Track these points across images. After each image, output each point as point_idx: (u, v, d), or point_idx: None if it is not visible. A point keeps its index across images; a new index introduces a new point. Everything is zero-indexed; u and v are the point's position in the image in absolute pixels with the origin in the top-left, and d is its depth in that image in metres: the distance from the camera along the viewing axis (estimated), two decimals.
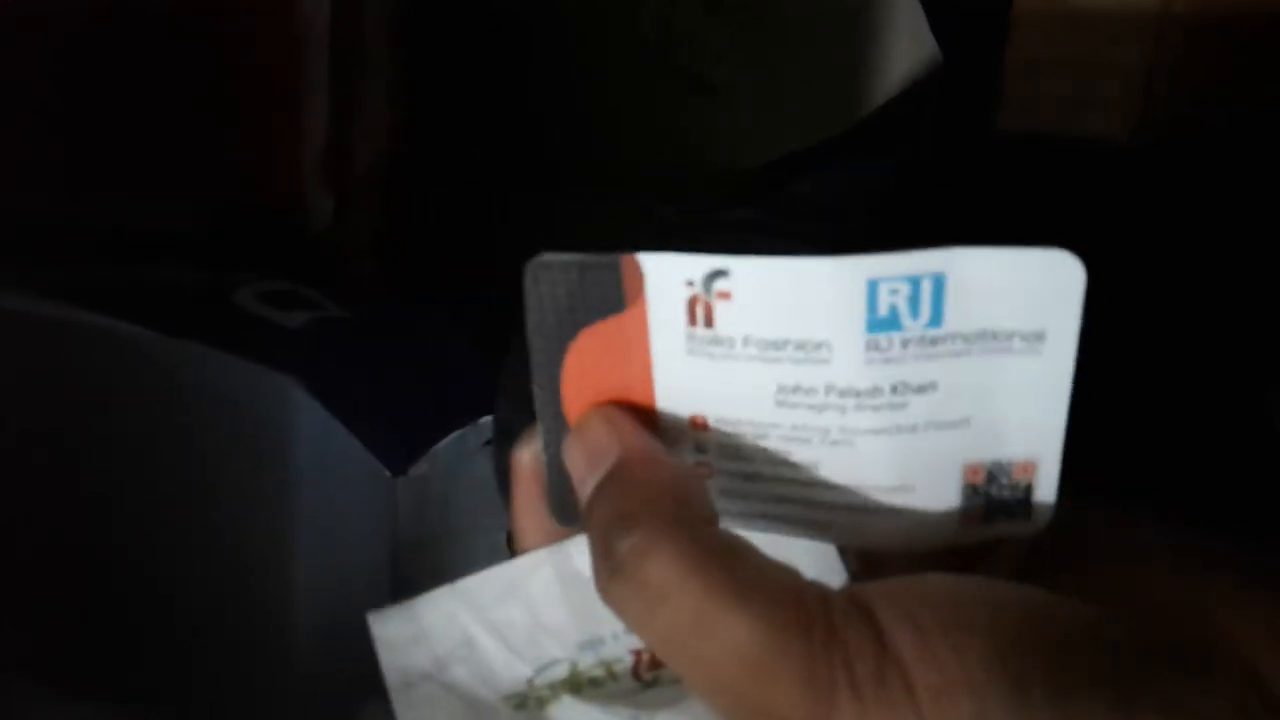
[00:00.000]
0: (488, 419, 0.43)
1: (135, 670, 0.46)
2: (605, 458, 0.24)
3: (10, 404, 0.45)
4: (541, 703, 0.26)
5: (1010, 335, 0.23)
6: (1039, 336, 0.23)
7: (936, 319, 0.23)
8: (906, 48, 0.52)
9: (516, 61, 0.59)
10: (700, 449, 0.25)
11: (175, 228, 0.50)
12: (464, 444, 0.43)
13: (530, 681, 0.27)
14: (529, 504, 0.27)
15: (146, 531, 0.45)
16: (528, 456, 0.27)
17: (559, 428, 0.26)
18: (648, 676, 0.27)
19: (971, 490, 0.25)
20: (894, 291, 0.23)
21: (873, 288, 0.23)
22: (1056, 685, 0.20)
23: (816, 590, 0.22)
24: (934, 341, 0.23)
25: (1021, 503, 0.25)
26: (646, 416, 0.25)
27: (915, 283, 0.23)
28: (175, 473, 0.44)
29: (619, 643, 0.27)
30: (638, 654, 0.27)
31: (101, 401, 0.44)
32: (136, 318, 0.42)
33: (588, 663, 0.27)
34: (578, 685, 0.26)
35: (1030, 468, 0.24)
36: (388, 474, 0.40)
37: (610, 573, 0.23)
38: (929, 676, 0.20)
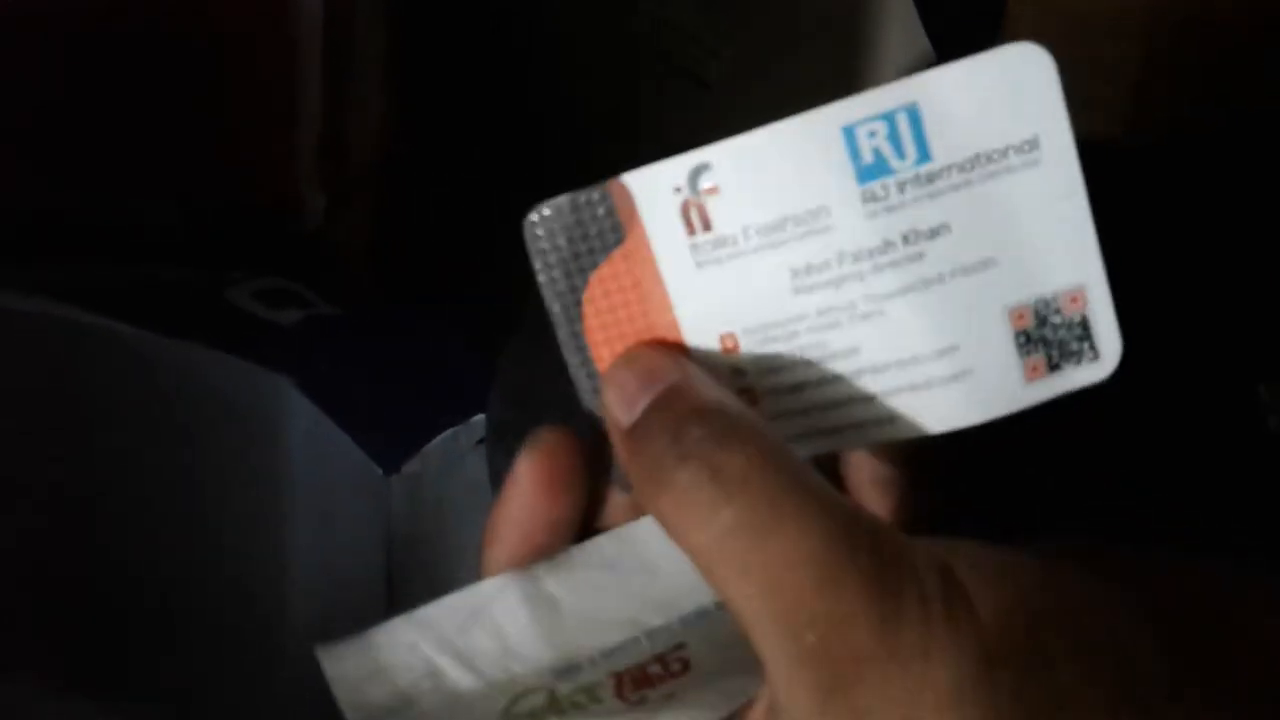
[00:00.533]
0: (481, 417, 0.43)
1: (128, 668, 0.46)
2: (663, 376, 0.23)
3: (2, 402, 0.45)
4: None
5: (1004, 152, 0.22)
6: (1033, 144, 0.22)
7: (924, 154, 0.22)
8: (899, 45, 0.52)
9: (509, 59, 0.59)
10: (739, 372, 0.24)
11: (168, 226, 0.50)
12: (457, 443, 0.43)
13: (506, 711, 0.25)
14: (513, 515, 0.26)
15: (139, 529, 0.45)
16: (530, 461, 0.26)
17: (597, 387, 0.25)
18: (633, 697, 0.25)
19: (1025, 338, 0.23)
20: (872, 134, 0.22)
21: (849, 134, 0.22)
22: (1113, 646, 0.20)
23: (876, 516, 0.21)
24: (930, 178, 0.22)
25: (1083, 339, 0.23)
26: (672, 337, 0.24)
27: (890, 119, 0.22)
28: (168, 471, 0.44)
29: (597, 667, 0.25)
30: (619, 676, 0.25)
31: (93, 399, 0.44)
32: (129, 316, 0.42)
33: (565, 690, 0.25)
34: (560, 711, 0.25)
35: (1078, 297, 0.23)
36: (381, 472, 0.40)
37: (678, 459, 0.21)
38: (990, 602, 0.20)
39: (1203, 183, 0.40)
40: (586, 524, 0.27)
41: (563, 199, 0.24)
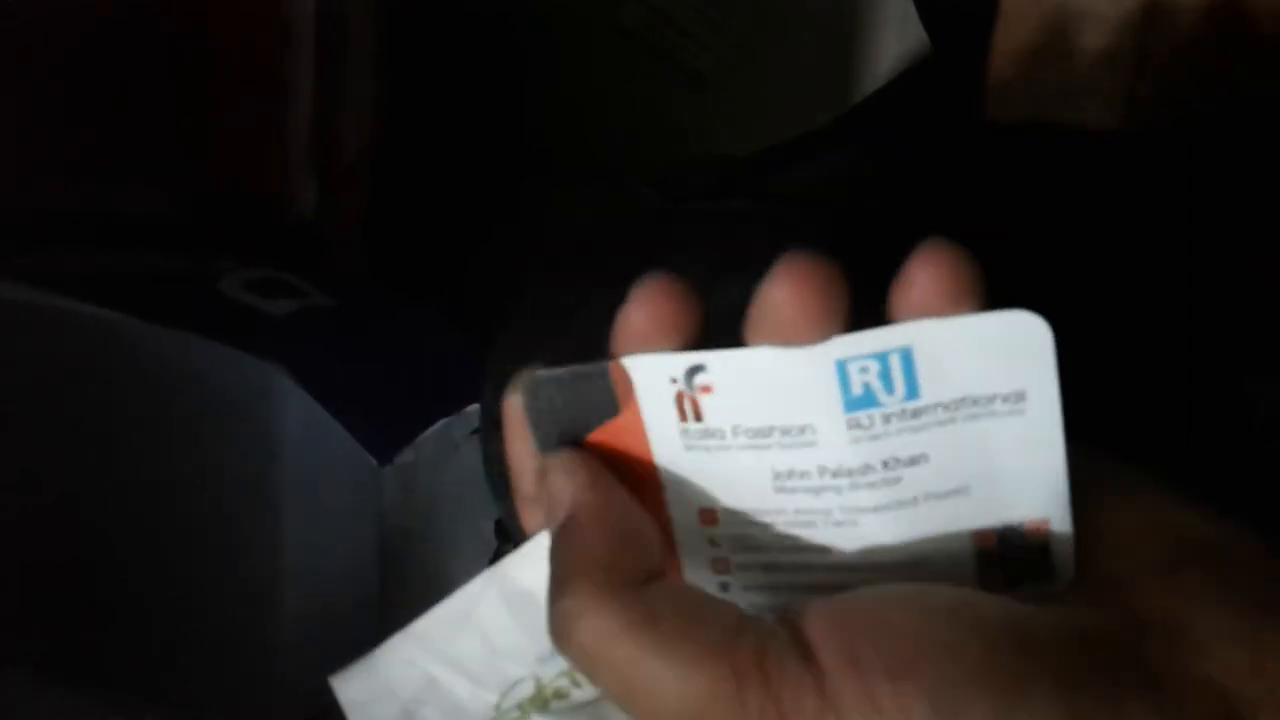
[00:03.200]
0: (474, 408, 0.43)
1: (120, 658, 0.46)
2: (558, 510, 0.24)
3: None
4: None
5: (991, 399, 0.23)
6: (1019, 396, 0.23)
7: (913, 392, 0.23)
8: (894, 35, 0.52)
9: (502, 50, 0.59)
10: (714, 544, 0.26)
11: (160, 215, 0.50)
12: (450, 433, 0.43)
13: (498, 706, 0.27)
14: (523, 443, 0.27)
15: (132, 519, 0.45)
16: (518, 401, 0.26)
17: None
18: None
19: (986, 558, 0.24)
20: (864, 370, 0.23)
21: (842, 369, 0.23)
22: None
23: (754, 636, 0.22)
24: (916, 414, 0.23)
25: (1041, 563, 0.24)
26: (658, 515, 0.25)
27: (883, 359, 0.23)
28: (161, 460, 0.44)
29: None
30: None
31: (86, 389, 0.44)
32: (121, 305, 0.42)
33: (550, 675, 0.27)
34: (544, 701, 0.27)
35: (1042, 526, 0.24)
36: (374, 462, 0.40)
37: (551, 634, 0.23)
38: None
39: (1195, 173, 0.40)
40: None
41: (564, 371, 0.25)
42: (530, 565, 0.27)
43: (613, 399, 0.25)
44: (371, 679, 0.27)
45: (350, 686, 0.27)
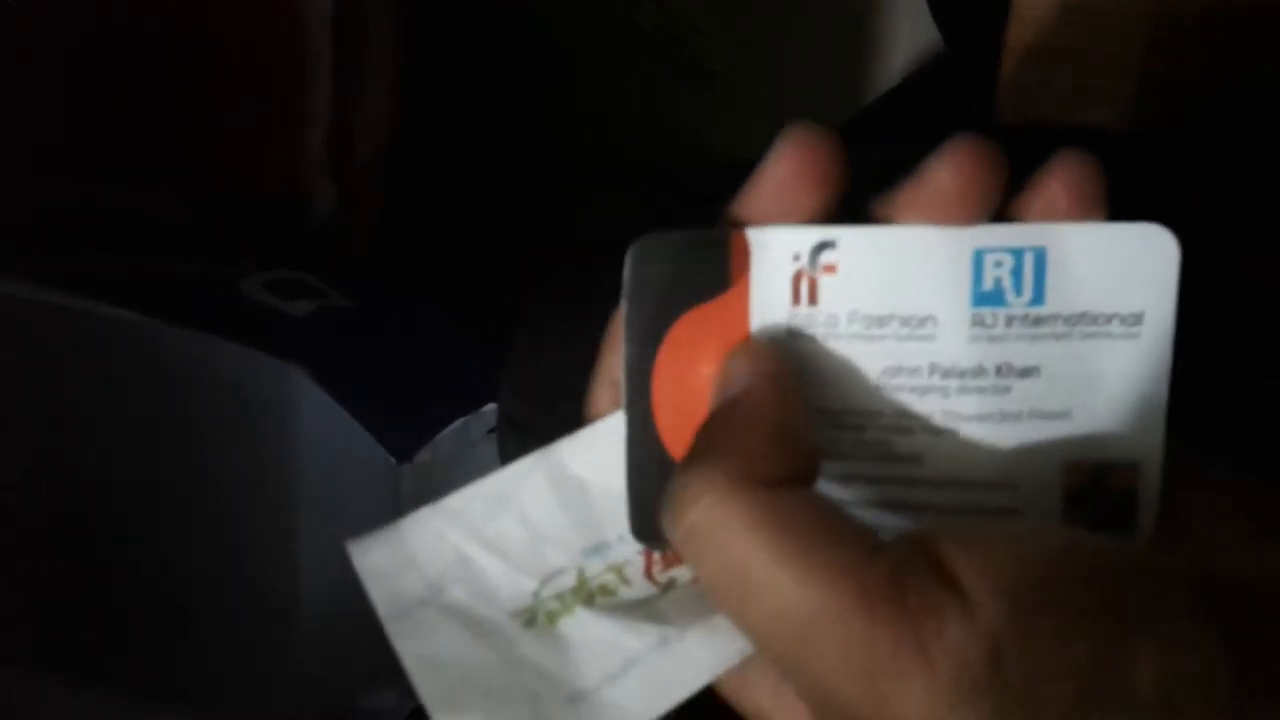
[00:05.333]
0: (492, 407, 0.43)
1: (141, 657, 0.46)
2: (730, 387, 0.23)
3: (16, 392, 0.45)
4: (552, 617, 0.25)
5: (1109, 318, 0.23)
6: (1136, 319, 0.23)
7: (1039, 297, 0.23)
8: (907, 34, 0.52)
9: (517, 50, 0.59)
10: None
11: (179, 216, 0.50)
12: (468, 432, 0.43)
13: (536, 594, 0.25)
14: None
15: (152, 519, 0.45)
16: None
17: (647, 427, 0.24)
18: (662, 578, 0.25)
19: (1074, 500, 0.24)
20: (999, 264, 0.23)
21: (978, 258, 0.23)
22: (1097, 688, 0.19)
23: (891, 557, 0.20)
24: (1037, 321, 0.23)
25: (1126, 511, 0.24)
26: None
27: (1018, 256, 0.23)
28: (181, 460, 0.44)
29: (626, 544, 0.25)
30: (648, 553, 0.25)
31: (108, 390, 0.44)
32: (144, 307, 0.42)
33: (595, 569, 0.25)
34: (588, 596, 0.25)
35: (1131, 473, 0.23)
36: (392, 461, 0.40)
37: (666, 501, 0.22)
38: (1016, 656, 0.19)
39: (1205, 173, 0.40)
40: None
41: (679, 235, 0.24)
42: (586, 451, 0.26)
43: (723, 273, 0.23)
44: (395, 549, 0.25)
45: (370, 555, 0.26)
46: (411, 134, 0.56)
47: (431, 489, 0.42)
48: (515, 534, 0.25)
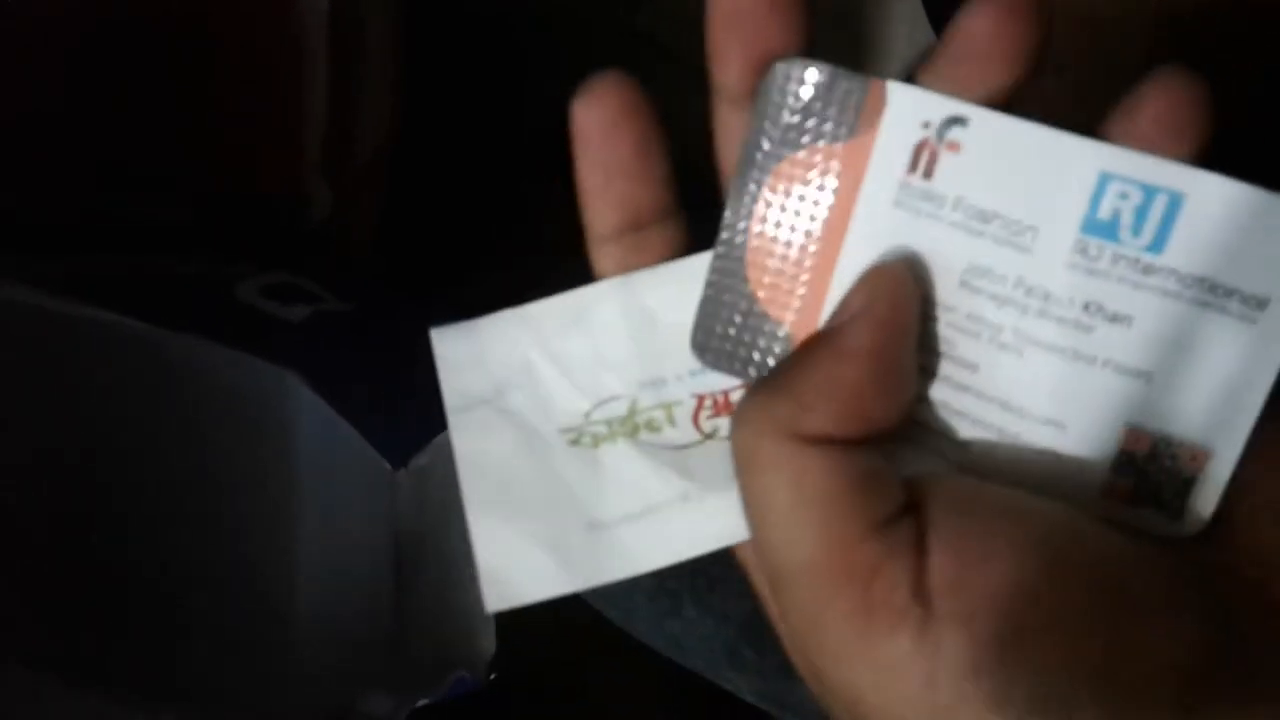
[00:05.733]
0: None
1: (138, 659, 0.46)
2: (842, 312, 0.23)
3: (13, 394, 0.45)
4: (596, 440, 0.25)
5: (1230, 293, 0.21)
6: (1260, 303, 0.21)
7: (1158, 245, 0.21)
8: (905, 41, 0.52)
9: (516, 53, 0.59)
10: None
11: (175, 220, 0.50)
12: None
13: (587, 415, 0.26)
14: (602, 176, 0.25)
15: (148, 523, 0.45)
16: (594, 117, 0.25)
17: (735, 250, 0.24)
18: (707, 427, 0.25)
19: (1127, 459, 0.22)
20: (1124, 195, 0.21)
21: (1103, 182, 0.21)
22: (1107, 702, 0.19)
23: (877, 547, 0.21)
24: (1147, 270, 0.21)
25: (1177, 496, 0.22)
26: (826, 259, 0.24)
27: (1150, 193, 0.21)
28: (176, 465, 0.44)
29: (682, 384, 0.26)
30: (700, 398, 0.25)
31: (103, 394, 0.44)
32: (137, 310, 0.42)
33: (647, 402, 0.25)
34: (634, 428, 0.25)
35: (1201, 458, 0.22)
36: (388, 465, 0.41)
37: (739, 413, 0.22)
38: (960, 639, 0.20)
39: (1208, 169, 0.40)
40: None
41: (826, 67, 0.23)
42: (661, 284, 0.25)
43: (853, 121, 0.23)
44: (471, 343, 0.26)
45: (447, 343, 0.26)
46: (411, 134, 0.56)
47: (428, 493, 0.42)
48: (580, 353, 0.26)
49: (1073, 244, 0.22)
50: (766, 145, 0.24)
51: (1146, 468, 0.22)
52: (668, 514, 0.25)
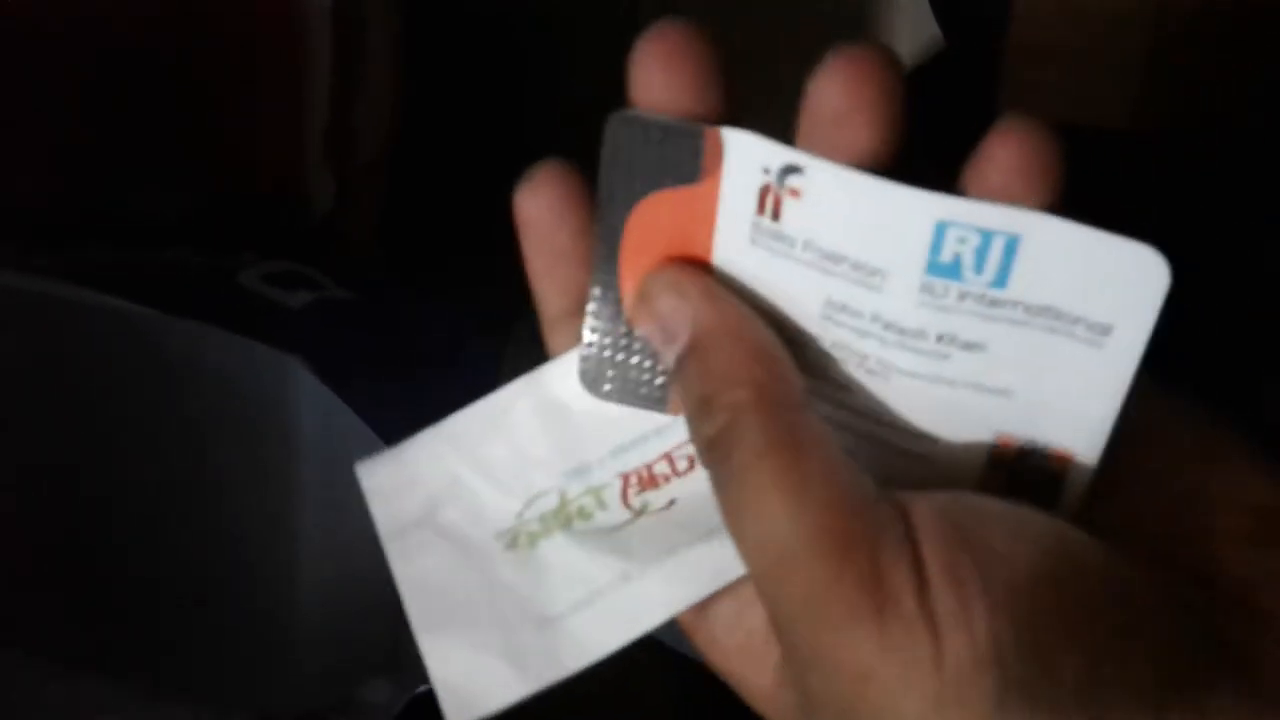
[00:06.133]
0: None
1: (139, 646, 0.46)
2: (678, 332, 0.23)
3: (13, 382, 0.45)
4: (532, 539, 0.26)
5: (1076, 320, 0.22)
6: (1105, 330, 0.22)
7: (1001, 281, 0.22)
8: (908, 34, 0.52)
9: (516, 47, 0.59)
10: None
11: (177, 210, 0.50)
12: None
13: (520, 515, 0.26)
14: (548, 260, 0.25)
15: (150, 509, 0.45)
16: (536, 205, 0.25)
17: (610, 292, 0.25)
18: (636, 504, 0.26)
19: (999, 461, 0.24)
20: (962, 240, 0.21)
21: (941, 229, 0.21)
22: (1089, 678, 0.19)
23: (879, 509, 0.21)
24: (993, 303, 0.22)
25: (1049, 491, 0.23)
26: None
27: (987, 236, 0.21)
28: (178, 451, 0.44)
29: (605, 467, 0.26)
30: (625, 477, 0.26)
31: (105, 380, 0.44)
32: (141, 297, 0.43)
33: (575, 491, 0.26)
34: (567, 519, 0.26)
35: (1065, 459, 0.23)
36: None
37: (701, 452, 0.22)
38: (959, 642, 0.19)
39: (1206, 174, 0.40)
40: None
41: (656, 121, 0.23)
42: (568, 374, 0.26)
43: (696, 165, 0.23)
44: (397, 470, 0.26)
45: (374, 474, 0.27)
46: (412, 133, 0.56)
47: None
48: (503, 456, 0.26)
49: (920, 285, 0.22)
50: (621, 191, 0.24)
51: (1016, 467, 0.23)
52: (613, 596, 0.25)
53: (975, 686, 0.19)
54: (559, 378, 0.26)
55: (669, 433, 0.26)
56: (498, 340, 0.42)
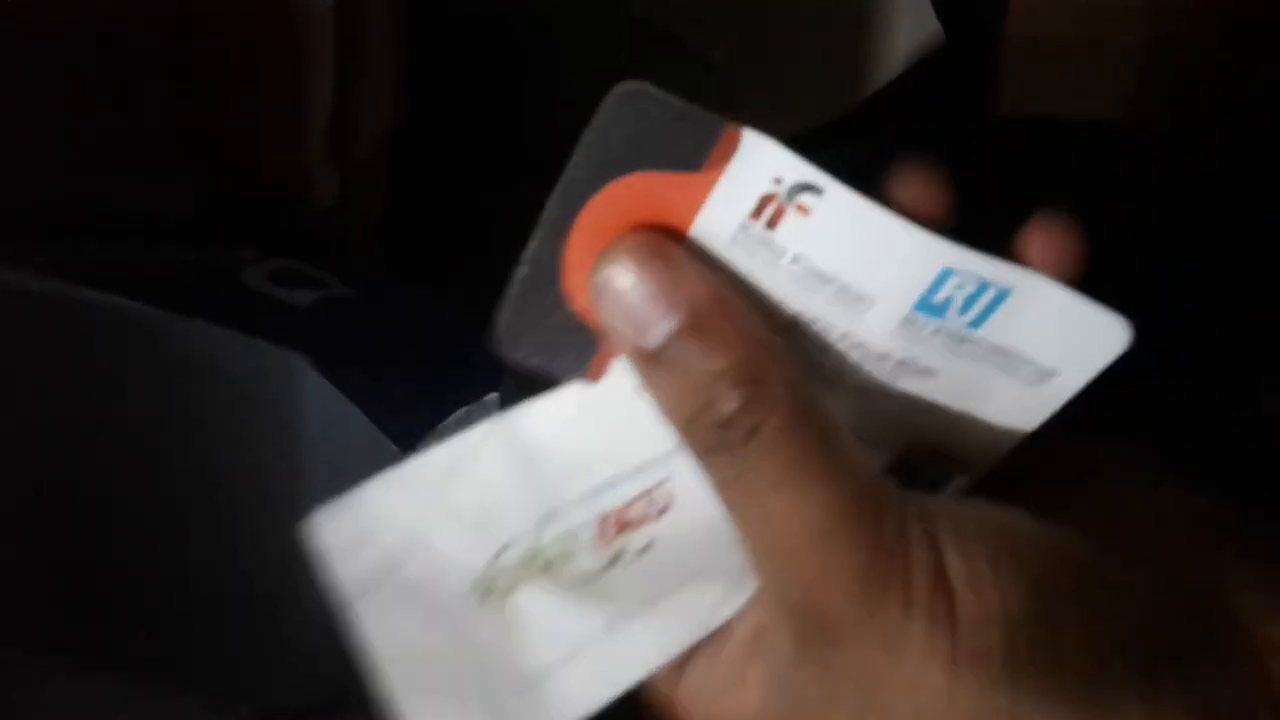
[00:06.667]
0: (493, 396, 0.43)
1: (139, 644, 0.46)
2: (675, 304, 0.22)
3: (18, 381, 0.45)
4: (507, 590, 0.25)
5: (1027, 363, 0.23)
6: (1049, 375, 0.23)
7: (978, 323, 0.23)
8: (907, 26, 0.52)
9: (516, 43, 0.59)
10: None
11: (183, 210, 0.50)
12: (471, 421, 0.43)
13: (491, 565, 0.24)
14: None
15: (155, 508, 0.45)
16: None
17: (553, 255, 0.23)
18: (613, 547, 0.25)
19: (905, 459, 0.25)
20: (960, 286, 0.22)
21: (945, 274, 0.22)
22: (1088, 641, 0.21)
23: (892, 490, 0.22)
24: (963, 340, 0.23)
25: (934, 487, 0.25)
26: None
27: (983, 286, 0.22)
28: (182, 449, 0.44)
29: (579, 510, 0.25)
30: (603, 520, 0.25)
31: (110, 379, 0.44)
32: (144, 296, 0.43)
33: (550, 536, 0.24)
34: (542, 566, 0.25)
35: (959, 466, 0.25)
36: (395, 449, 0.41)
37: (708, 435, 0.22)
38: (971, 603, 0.20)
39: (1205, 167, 0.40)
40: None
41: (676, 99, 0.22)
42: (542, 418, 0.25)
43: (700, 156, 0.22)
44: (352, 522, 0.25)
45: (328, 529, 0.25)
46: (412, 132, 0.56)
47: None
48: (469, 503, 0.25)
49: (902, 318, 0.23)
50: (602, 163, 0.23)
51: (917, 466, 0.25)
52: (597, 649, 0.24)
53: (987, 642, 0.20)
54: (531, 420, 0.25)
55: (650, 471, 0.25)
56: None
